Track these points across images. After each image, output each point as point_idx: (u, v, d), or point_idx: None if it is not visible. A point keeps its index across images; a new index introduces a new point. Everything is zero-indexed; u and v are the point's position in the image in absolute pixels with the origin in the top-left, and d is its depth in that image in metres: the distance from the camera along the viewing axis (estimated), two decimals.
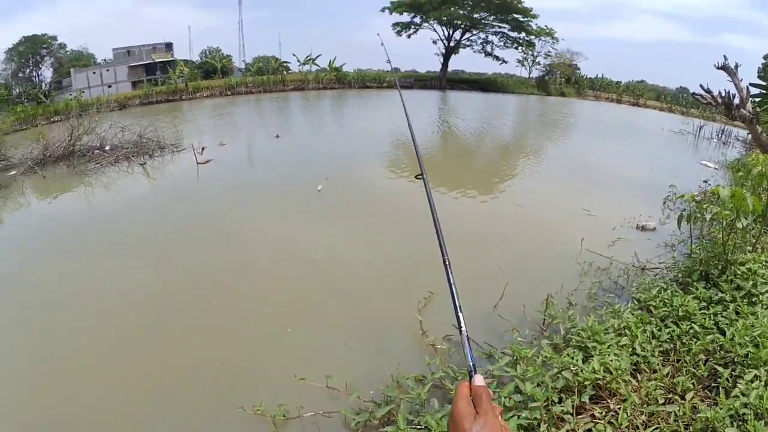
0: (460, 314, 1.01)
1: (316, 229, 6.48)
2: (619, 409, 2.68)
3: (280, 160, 10.71)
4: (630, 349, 3.19)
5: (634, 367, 3.11)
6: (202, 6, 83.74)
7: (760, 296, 3.91)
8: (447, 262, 1.19)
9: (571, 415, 2.66)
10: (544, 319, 3.95)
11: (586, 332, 3.29)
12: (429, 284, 4.53)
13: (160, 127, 14.19)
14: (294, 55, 41.69)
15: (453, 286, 1.08)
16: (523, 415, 2.61)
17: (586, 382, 2.82)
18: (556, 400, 2.76)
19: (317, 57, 40.35)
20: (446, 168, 11.80)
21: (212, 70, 37.19)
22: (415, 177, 1.75)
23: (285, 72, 38.59)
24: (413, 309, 4.30)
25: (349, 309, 4.55)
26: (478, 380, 0.82)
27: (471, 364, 0.90)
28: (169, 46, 38.65)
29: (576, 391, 2.81)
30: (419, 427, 2.74)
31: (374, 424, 2.96)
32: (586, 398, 2.77)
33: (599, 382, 2.85)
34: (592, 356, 3.03)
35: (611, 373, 2.87)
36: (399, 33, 51.96)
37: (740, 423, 2.46)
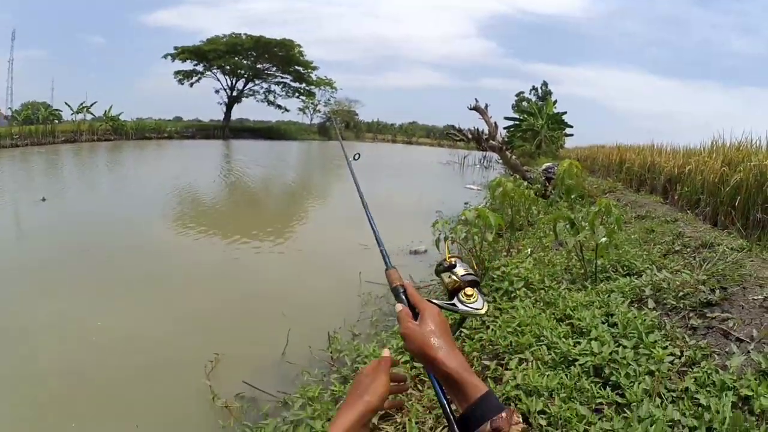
0: None
1: (91, 310, 5.40)
2: (408, 420, 2.93)
3: (50, 231, 8.80)
4: (410, 364, 3.53)
5: (418, 378, 3.45)
6: None
7: (517, 291, 4.59)
8: None
9: None
10: (331, 355, 4.12)
11: (369, 358, 3.54)
12: (213, 345, 4.32)
13: None
14: (66, 103, 36.05)
15: None
16: None
17: None
18: None
19: (92, 105, 35.92)
20: (237, 218, 11.60)
21: None
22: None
23: (56, 121, 33.28)
24: (201, 375, 3.97)
25: (136, 395, 3.90)
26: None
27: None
28: None
29: None
30: None
31: None
32: (375, 419, 2.97)
33: None
34: None
35: None
36: (181, 81, 50.01)
37: (516, 402, 2.77)
